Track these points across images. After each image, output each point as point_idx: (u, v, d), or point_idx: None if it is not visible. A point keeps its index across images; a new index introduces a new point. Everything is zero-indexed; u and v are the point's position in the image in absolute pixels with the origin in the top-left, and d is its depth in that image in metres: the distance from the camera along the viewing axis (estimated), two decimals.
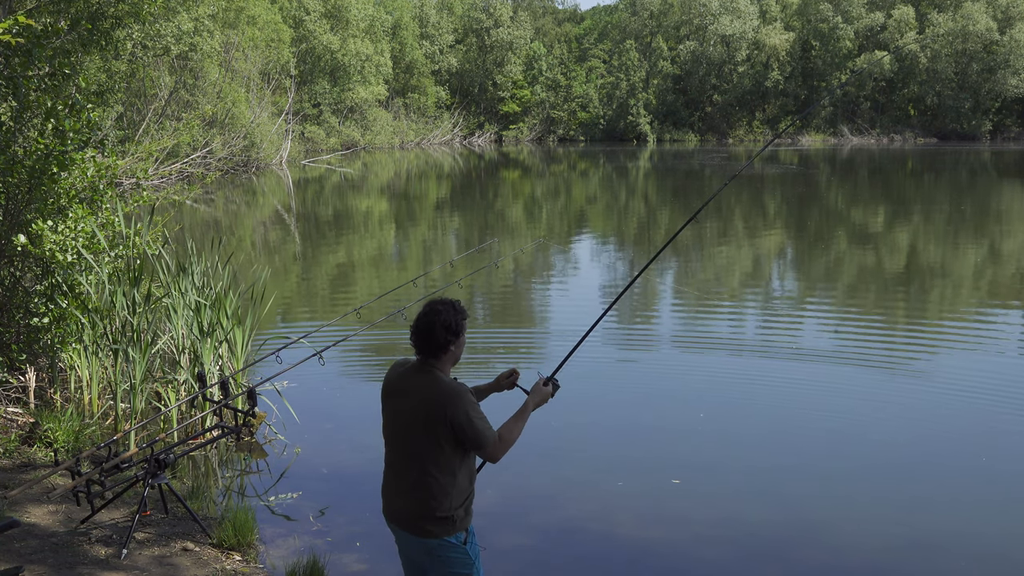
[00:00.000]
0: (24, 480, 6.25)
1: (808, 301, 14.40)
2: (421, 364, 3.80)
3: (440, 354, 3.77)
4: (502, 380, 4.18)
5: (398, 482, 3.81)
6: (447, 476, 3.69)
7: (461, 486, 3.74)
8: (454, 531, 3.73)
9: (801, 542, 6.15)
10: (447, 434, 3.66)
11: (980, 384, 9.39)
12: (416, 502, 3.72)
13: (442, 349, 3.76)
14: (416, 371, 3.80)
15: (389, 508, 3.86)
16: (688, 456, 7.56)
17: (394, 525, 3.85)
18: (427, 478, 3.70)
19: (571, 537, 6.18)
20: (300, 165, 47.26)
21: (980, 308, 13.76)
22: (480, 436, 3.68)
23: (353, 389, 9.69)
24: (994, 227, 23.65)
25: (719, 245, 20.33)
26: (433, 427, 3.66)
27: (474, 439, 3.68)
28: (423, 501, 3.70)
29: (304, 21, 53.83)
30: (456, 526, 3.74)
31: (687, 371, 10.18)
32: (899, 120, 72.52)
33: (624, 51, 74.18)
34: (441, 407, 3.65)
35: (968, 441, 7.87)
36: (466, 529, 3.79)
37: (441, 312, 3.76)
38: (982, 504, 6.64)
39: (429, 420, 3.66)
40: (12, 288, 8.13)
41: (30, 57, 7.46)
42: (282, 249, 20.81)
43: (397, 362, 3.94)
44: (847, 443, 7.83)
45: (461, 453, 3.73)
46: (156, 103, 31.35)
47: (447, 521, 3.71)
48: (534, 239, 20.83)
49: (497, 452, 3.76)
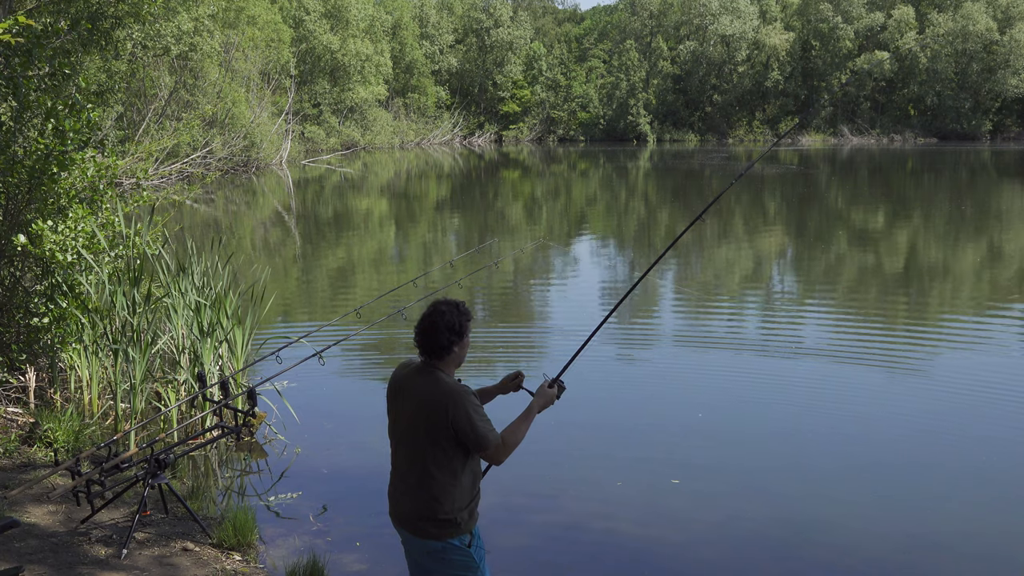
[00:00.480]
0: (24, 480, 6.25)
1: (808, 300, 14.40)
2: (424, 365, 3.78)
3: (443, 355, 3.74)
4: (507, 382, 4.15)
5: (402, 484, 3.78)
6: (449, 477, 3.67)
7: (464, 488, 3.71)
8: (458, 533, 3.70)
9: (801, 542, 6.15)
10: (449, 435, 3.63)
11: (980, 383, 9.39)
12: (419, 504, 3.69)
13: (445, 350, 3.73)
14: (419, 372, 3.77)
15: (395, 510, 3.83)
16: (687, 456, 7.56)
17: (399, 527, 3.83)
18: (429, 480, 3.67)
19: (570, 537, 6.18)
20: (300, 165, 47.27)
21: (981, 307, 13.76)
22: (482, 438, 3.64)
23: (353, 389, 9.69)
24: (994, 227, 23.65)
25: (719, 245, 20.33)
26: (435, 428, 3.63)
27: (476, 441, 3.64)
28: (426, 503, 3.67)
29: (304, 21, 53.86)
30: (460, 528, 3.70)
31: (687, 371, 10.18)
32: (899, 120, 72.56)
33: (624, 51, 74.21)
34: (443, 408, 3.63)
35: (968, 440, 7.87)
36: (471, 532, 3.75)
37: (445, 312, 3.73)
38: (982, 503, 6.63)
39: (431, 421, 3.64)
40: (12, 288, 8.13)
41: (30, 57, 7.47)
42: (282, 249, 20.81)
43: (402, 363, 3.91)
44: (847, 443, 7.83)
45: (463, 455, 3.69)
46: (156, 103, 31.35)
47: (450, 523, 3.68)
48: (534, 239, 20.84)
49: (500, 455, 3.72)
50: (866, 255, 18.88)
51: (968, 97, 69.84)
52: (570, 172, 47.81)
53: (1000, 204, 29.65)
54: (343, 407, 9.02)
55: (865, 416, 8.46)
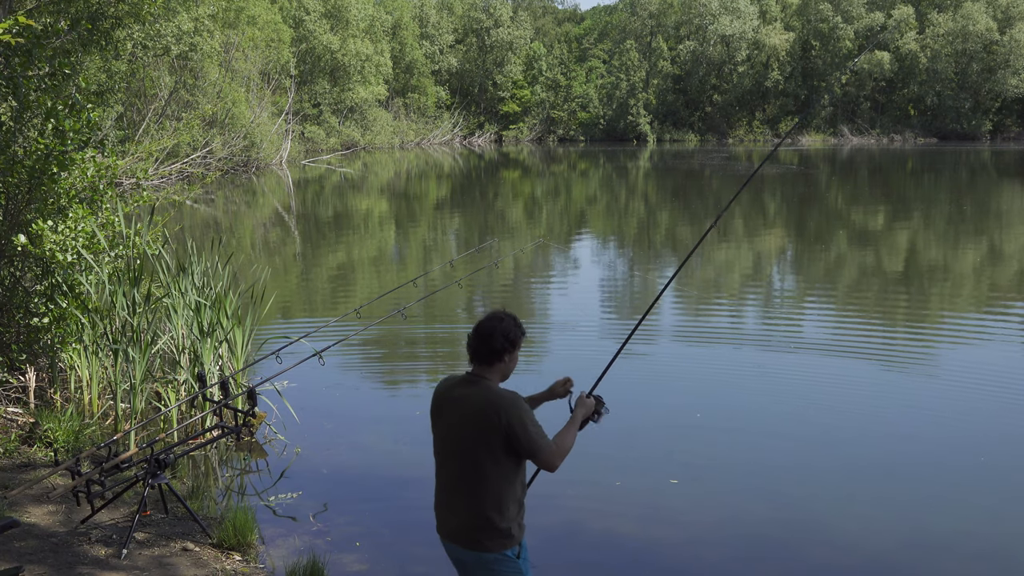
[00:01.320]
0: (24, 480, 6.26)
1: (808, 299, 14.40)
2: (469, 376, 3.77)
3: (495, 361, 3.74)
4: (557, 388, 4.16)
5: (452, 498, 3.75)
6: (504, 486, 3.66)
7: (515, 497, 3.70)
8: (510, 544, 3.69)
9: (801, 541, 6.15)
10: (501, 442, 3.61)
11: (980, 382, 9.39)
12: (472, 516, 3.67)
13: (497, 356, 3.73)
14: (466, 383, 3.75)
15: (444, 526, 3.80)
16: (687, 455, 7.55)
17: (449, 542, 3.79)
18: (483, 490, 3.65)
19: (570, 537, 6.18)
20: (300, 165, 47.27)
21: (981, 306, 13.75)
22: (535, 443, 3.63)
23: (353, 389, 9.69)
24: (994, 226, 23.65)
25: (719, 244, 20.31)
26: (487, 436, 3.62)
27: (529, 446, 3.63)
28: (480, 515, 3.65)
29: (304, 21, 53.85)
30: (513, 539, 3.69)
31: (686, 370, 10.17)
32: (899, 120, 72.56)
33: (624, 51, 74.21)
34: (495, 414, 3.60)
35: (968, 440, 7.87)
36: (519, 543, 3.74)
37: (504, 319, 3.79)
38: (981, 503, 6.63)
39: (483, 429, 3.62)
40: (12, 288, 8.13)
41: (30, 57, 7.47)
42: (282, 249, 20.82)
43: (444, 378, 3.90)
44: (847, 442, 7.82)
45: (515, 462, 3.68)
46: (156, 103, 31.35)
47: (503, 534, 3.67)
48: (534, 239, 20.83)
49: (554, 459, 3.69)
50: (865, 254, 18.88)
51: (968, 97, 69.84)
52: (570, 172, 47.80)
53: (1000, 204, 29.65)
54: (343, 407, 9.02)
55: (865, 414, 8.46)
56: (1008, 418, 8.40)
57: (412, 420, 8.57)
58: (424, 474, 7.10)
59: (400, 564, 5.79)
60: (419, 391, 9.56)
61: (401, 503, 6.64)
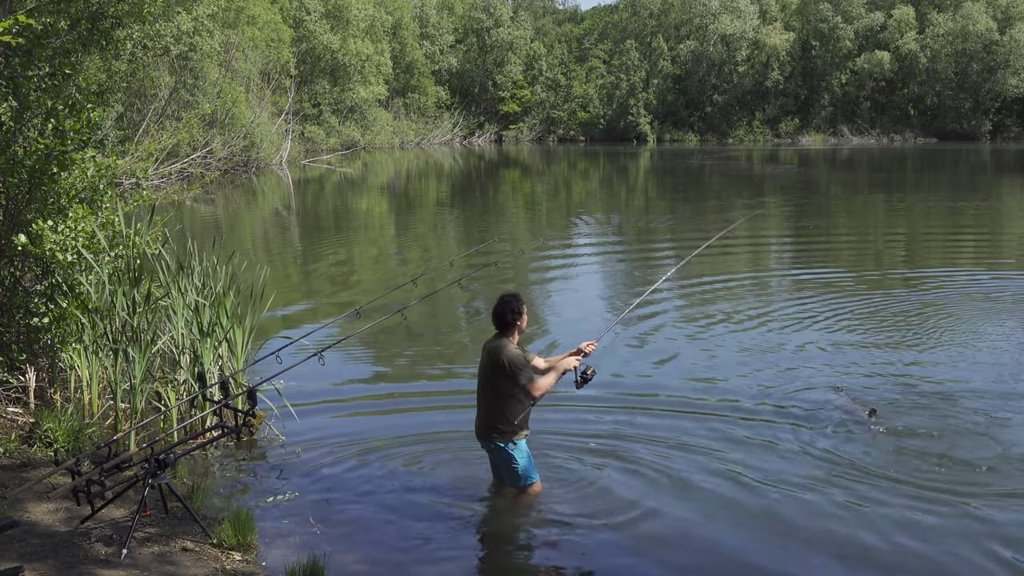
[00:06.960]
0: (24, 480, 6.26)
1: (808, 299, 14.38)
2: (496, 336, 6.31)
3: (510, 328, 6.24)
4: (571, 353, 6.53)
5: (479, 408, 6.32)
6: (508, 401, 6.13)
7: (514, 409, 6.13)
8: (510, 439, 6.21)
9: (802, 541, 6.15)
10: (503, 374, 6.10)
11: (980, 382, 9.39)
12: (487, 419, 6.25)
13: (510, 326, 6.23)
14: (494, 339, 6.31)
15: (476, 426, 6.38)
16: (687, 455, 7.55)
17: (478, 438, 6.38)
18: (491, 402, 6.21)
19: (569, 537, 6.17)
20: (300, 165, 47.28)
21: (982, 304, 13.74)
22: (518, 373, 6.10)
23: (353, 389, 9.68)
24: (995, 226, 23.66)
25: (719, 242, 20.28)
26: (494, 368, 6.14)
27: (514, 376, 6.10)
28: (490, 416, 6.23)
29: (304, 21, 53.88)
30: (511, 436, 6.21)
31: (685, 369, 10.16)
32: (899, 120, 72.55)
33: (624, 51, 74.23)
34: (499, 355, 6.14)
35: (968, 439, 7.87)
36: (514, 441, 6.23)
37: (509, 301, 6.25)
38: (981, 503, 6.63)
39: (493, 364, 6.15)
40: (12, 288, 8.13)
41: (30, 57, 7.47)
42: (282, 249, 20.82)
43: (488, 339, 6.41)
44: (845, 442, 7.83)
45: (511, 385, 6.11)
46: (156, 103, 31.38)
47: (506, 433, 6.20)
48: (534, 239, 20.83)
49: (533, 389, 6.13)
50: (866, 254, 18.87)
51: (968, 97, 69.81)
52: (570, 172, 47.80)
53: (1000, 204, 29.67)
54: (343, 407, 9.01)
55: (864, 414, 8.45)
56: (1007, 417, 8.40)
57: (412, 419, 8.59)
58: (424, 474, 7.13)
59: (400, 564, 5.79)
60: (419, 390, 9.55)
61: (401, 503, 6.64)
